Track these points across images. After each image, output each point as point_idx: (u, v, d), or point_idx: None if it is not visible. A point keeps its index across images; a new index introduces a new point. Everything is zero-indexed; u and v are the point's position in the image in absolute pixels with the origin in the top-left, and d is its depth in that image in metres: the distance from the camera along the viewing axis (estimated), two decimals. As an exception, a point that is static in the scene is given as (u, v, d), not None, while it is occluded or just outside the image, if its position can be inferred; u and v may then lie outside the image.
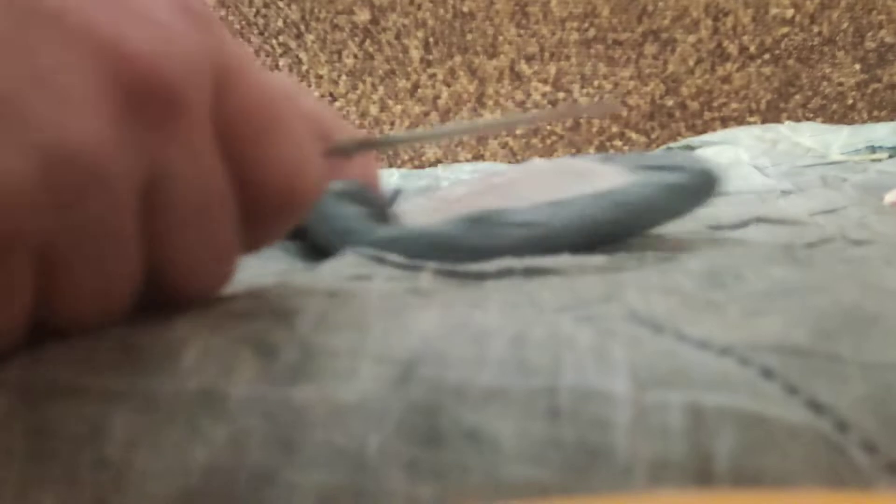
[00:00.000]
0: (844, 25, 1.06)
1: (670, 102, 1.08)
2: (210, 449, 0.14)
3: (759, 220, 0.33)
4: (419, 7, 1.03)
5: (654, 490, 0.13)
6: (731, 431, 0.13)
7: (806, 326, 0.16)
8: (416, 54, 1.03)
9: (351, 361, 0.15)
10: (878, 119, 1.07)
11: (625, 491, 0.13)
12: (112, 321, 0.16)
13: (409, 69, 1.04)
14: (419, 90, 1.06)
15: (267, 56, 1.04)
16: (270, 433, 0.14)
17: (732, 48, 1.06)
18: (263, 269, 0.25)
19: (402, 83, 1.05)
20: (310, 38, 1.04)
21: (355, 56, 1.04)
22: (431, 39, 1.03)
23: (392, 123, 1.06)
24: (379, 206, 0.29)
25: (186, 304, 0.18)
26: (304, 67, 1.05)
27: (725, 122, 1.08)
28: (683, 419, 0.13)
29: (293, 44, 1.04)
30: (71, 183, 0.13)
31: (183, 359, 0.15)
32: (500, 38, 1.04)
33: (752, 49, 1.07)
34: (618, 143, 1.09)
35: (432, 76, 1.06)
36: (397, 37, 1.01)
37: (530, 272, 0.23)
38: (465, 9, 1.03)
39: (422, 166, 1.06)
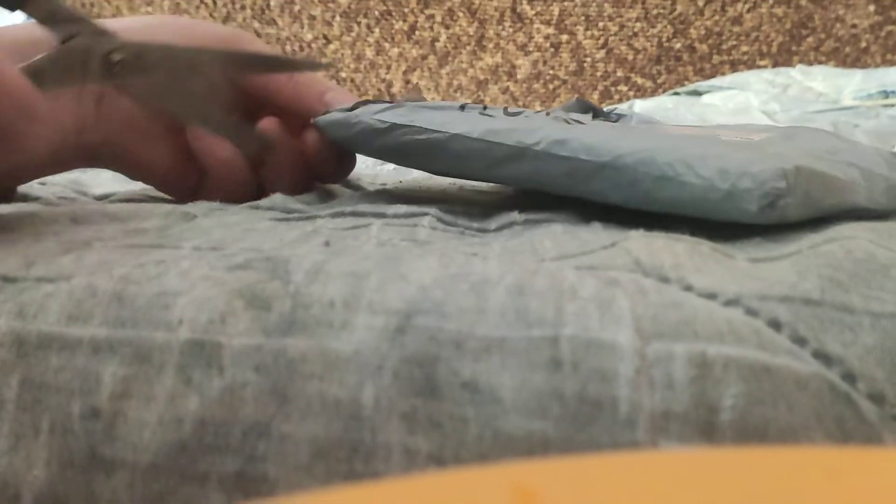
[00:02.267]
0: (861, -37, 1.02)
1: (678, 45, 1.05)
2: (203, 400, 0.14)
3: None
4: (418, -56, 0.99)
5: (658, 443, 0.12)
6: (736, 382, 0.13)
7: (816, 276, 0.15)
8: (415, -6, 1.00)
9: (346, 312, 0.14)
10: (891, 63, 1.04)
11: (628, 443, 0.12)
12: None
13: (406, 10, 1.01)
14: (416, 32, 1.03)
15: (261, -3, 1.01)
16: (264, 384, 0.14)
17: (744, -12, 1.02)
18: (260, 217, 0.24)
19: (399, 24, 1.02)
20: (305, -23, 1.00)
21: (352, -4, 1.01)
22: (431, -22, 1.00)
23: (388, 67, 1.03)
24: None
25: (180, 256, 0.18)
26: (297, 8, 1.01)
27: (735, 66, 1.05)
28: (688, 370, 0.13)
29: (288, -16, 1.00)
30: None
31: (175, 310, 0.15)
32: (503, -24, 1.00)
33: (765, -11, 1.03)
34: (623, 87, 1.07)
35: (430, 17, 1.02)
36: (395, -25, 0.98)
37: (531, 222, 0.22)
38: (467, -54, 0.99)
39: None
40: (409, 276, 0.15)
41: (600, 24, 1.05)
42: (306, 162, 0.29)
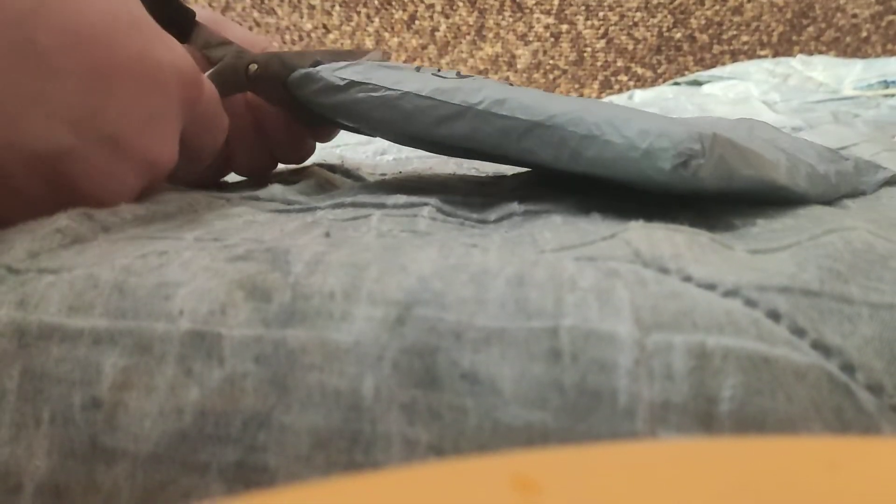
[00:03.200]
0: (862, -48, 1.01)
1: (678, 35, 1.04)
2: (203, 390, 0.14)
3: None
4: (418, -68, 0.98)
5: (657, 433, 0.12)
6: (735, 373, 0.13)
7: (815, 267, 0.15)
8: (414, -16, 0.99)
9: (346, 303, 0.14)
10: (892, 52, 1.04)
11: (627, 434, 0.12)
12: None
13: (407, -1, 1.01)
14: (416, 22, 1.02)
15: (260, -14, 1.00)
16: (264, 375, 0.14)
17: (745, -23, 1.02)
18: (260, 209, 0.24)
19: (399, 14, 1.02)
20: (304, -34, 0.99)
21: (351, -14, 1.00)
22: (431, -33, 0.99)
23: (388, 57, 1.02)
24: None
25: (182, 247, 0.18)
26: (298, -2, 1.01)
27: (736, 56, 1.04)
28: (687, 361, 0.13)
29: (287, -27, 1.00)
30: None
31: (175, 301, 0.15)
32: (503, -34, 0.99)
33: (766, -22, 1.02)
34: (623, 77, 1.06)
35: (430, 7, 1.02)
36: (395, -36, 0.97)
37: (530, 213, 0.22)
38: (467, -66, 0.98)
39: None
40: (409, 267, 0.15)
41: (600, 14, 1.04)
42: (266, 139, 0.31)
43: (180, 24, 0.28)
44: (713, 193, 0.20)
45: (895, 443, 0.10)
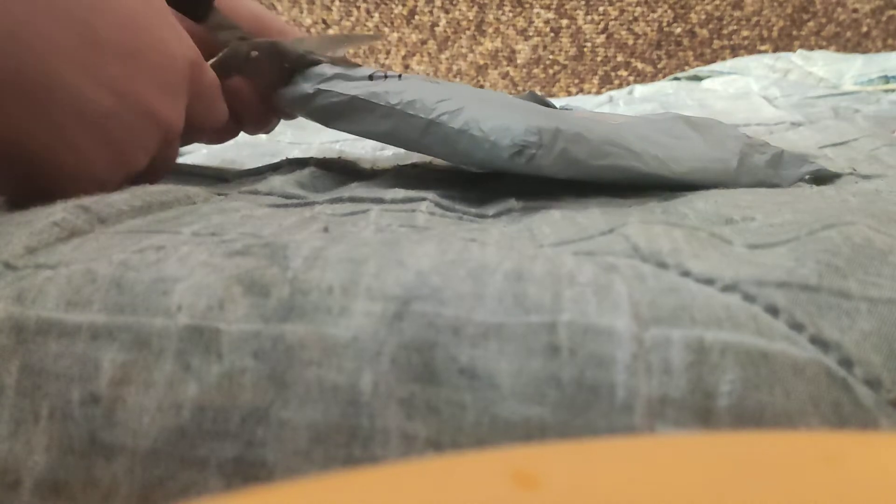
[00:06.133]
0: (863, -53, 1.01)
1: (679, 30, 1.04)
2: (202, 386, 0.14)
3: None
4: (417, -73, 0.98)
5: (655, 428, 0.12)
6: (733, 368, 0.13)
7: (814, 262, 0.15)
8: (414, -22, 0.99)
9: (344, 298, 0.14)
10: (892, 48, 1.04)
11: (625, 429, 0.12)
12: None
13: (407, -6, 1.00)
14: (416, 17, 1.02)
15: (259, -20, 1.00)
16: (262, 371, 0.14)
17: (745, -29, 1.02)
18: (259, 203, 0.24)
19: (399, 9, 1.01)
20: (303, -40, 0.99)
21: (351, -20, 1.00)
22: (430, -38, 0.99)
23: (388, 52, 1.02)
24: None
25: (179, 242, 0.18)
26: (298, -8, 1.00)
27: (736, 51, 1.04)
28: (685, 356, 0.13)
29: (286, -33, 0.99)
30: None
31: (174, 296, 0.15)
32: (502, -40, 0.99)
33: (766, -28, 1.02)
34: (623, 72, 1.06)
35: (430, 1, 1.02)
36: (394, -41, 0.97)
37: (529, 208, 0.22)
38: (466, -72, 0.98)
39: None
40: (407, 262, 0.15)
41: (600, 9, 1.04)
42: (233, 108, 0.34)
43: (198, 4, 0.32)
44: (564, 178, 0.23)
45: (893, 437, 0.10)
